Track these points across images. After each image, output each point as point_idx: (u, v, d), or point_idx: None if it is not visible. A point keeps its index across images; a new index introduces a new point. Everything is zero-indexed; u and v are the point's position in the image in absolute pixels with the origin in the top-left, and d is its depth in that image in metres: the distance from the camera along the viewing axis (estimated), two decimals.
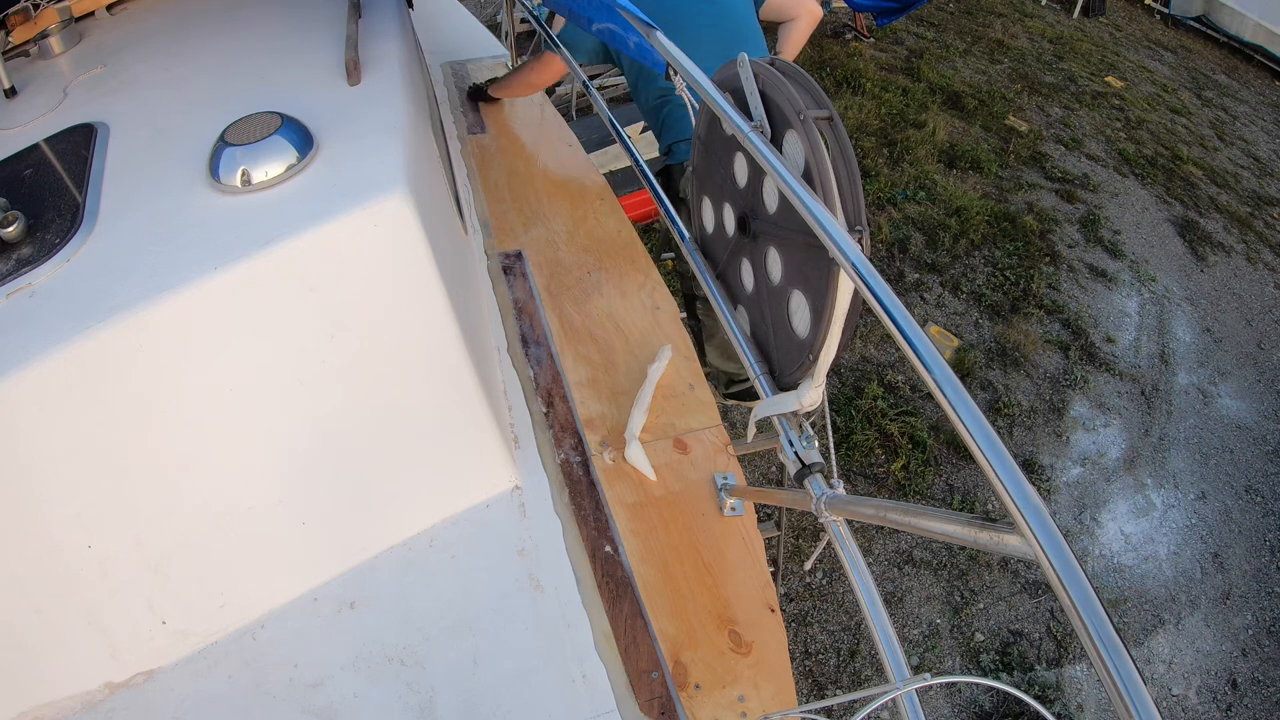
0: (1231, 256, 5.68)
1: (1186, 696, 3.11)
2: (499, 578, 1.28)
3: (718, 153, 1.38)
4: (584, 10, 1.84)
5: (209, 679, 1.16)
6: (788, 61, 1.13)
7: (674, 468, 1.46)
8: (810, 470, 1.05)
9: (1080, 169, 6.30)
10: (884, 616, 0.87)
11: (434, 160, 1.53)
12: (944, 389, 0.70)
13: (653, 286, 1.84)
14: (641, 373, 1.62)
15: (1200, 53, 9.33)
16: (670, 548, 1.34)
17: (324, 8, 1.71)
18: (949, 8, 9.11)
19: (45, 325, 1.02)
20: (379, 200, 1.14)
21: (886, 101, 6.55)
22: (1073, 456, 3.97)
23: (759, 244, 1.27)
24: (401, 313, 1.22)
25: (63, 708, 1.11)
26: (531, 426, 1.50)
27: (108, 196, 1.21)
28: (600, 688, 1.16)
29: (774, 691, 1.17)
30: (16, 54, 1.71)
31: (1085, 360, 4.53)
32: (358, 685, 1.16)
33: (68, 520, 1.06)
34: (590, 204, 2.10)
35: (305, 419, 1.19)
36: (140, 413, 1.07)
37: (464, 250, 1.67)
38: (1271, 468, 4.10)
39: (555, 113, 2.57)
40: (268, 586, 1.23)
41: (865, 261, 0.82)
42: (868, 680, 2.98)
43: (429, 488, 1.34)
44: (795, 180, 0.94)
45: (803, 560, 3.15)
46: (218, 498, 1.16)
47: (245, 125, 1.21)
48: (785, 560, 2.96)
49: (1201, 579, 3.54)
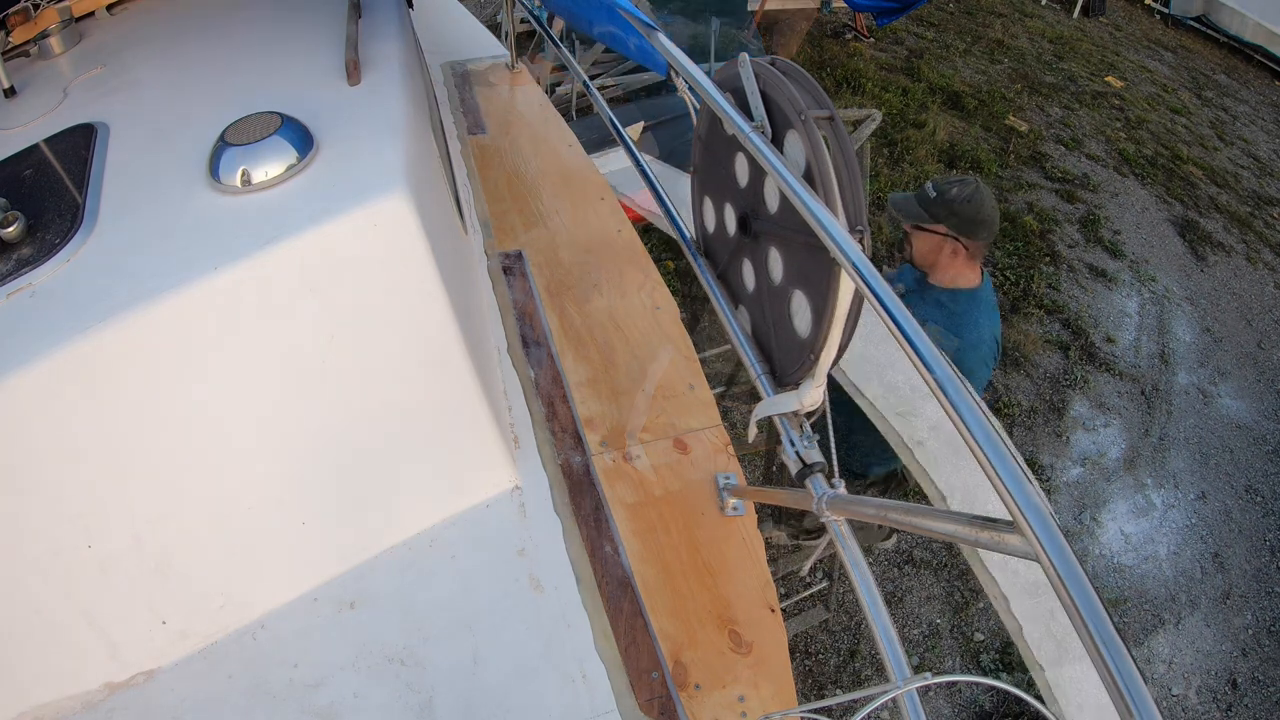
0: (1231, 256, 5.68)
1: (1186, 696, 3.11)
2: (499, 578, 1.28)
3: (718, 153, 1.38)
4: (584, 12, 1.84)
5: (209, 679, 1.16)
6: (788, 61, 1.13)
7: (674, 468, 1.46)
8: (811, 470, 1.05)
9: (1080, 169, 6.31)
10: (884, 616, 0.87)
11: (434, 160, 1.53)
12: (944, 389, 0.70)
13: (653, 286, 1.84)
14: (642, 372, 1.62)
15: (1200, 53, 9.33)
16: (670, 548, 1.34)
17: (324, 8, 1.71)
18: (949, 8, 9.12)
19: (45, 325, 1.01)
20: (379, 200, 1.14)
21: (886, 101, 6.55)
22: (1073, 456, 3.97)
23: (760, 244, 1.27)
24: (401, 313, 1.22)
25: (63, 708, 1.11)
26: (531, 426, 1.50)
27: (108, 196, 1.20)
28: (600, 688, 1.16)
29: (774, 691, 1.17)
30: (16, 54, 1.71)
31: (1085, 360, 4.53)
32: (358, 685, 1.16)
33: (68, 520, 1.06)
34: (590, 204, 2.10)
35: (305, 419, 1.19)
36: (140, 413, 1.07)
37: (464, 250, 1.67)
38: (1271, 467, 4.10)
39: (555, 113, 2.57)
40: (268, 586, 1.23)
41: (866, 261, 0.82)
42: (868, 680, 2.98)
43: (429, 488, 1.34)
44: (796, 180, 0.94)
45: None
46: (218, 498, 1.16)
47: (245, 125, 1.21)
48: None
49: (1201, 579, 3.54)
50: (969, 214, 2.16)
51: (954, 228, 2.17)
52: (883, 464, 2.53)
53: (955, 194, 2.18)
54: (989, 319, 2.25)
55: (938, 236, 2.21)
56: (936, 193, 2.21)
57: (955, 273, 2.25)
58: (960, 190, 2.18)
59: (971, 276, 2.26)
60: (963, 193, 2.17)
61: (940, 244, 2.21)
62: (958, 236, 2.18)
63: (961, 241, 2.19)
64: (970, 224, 2.17)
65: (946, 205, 2.17)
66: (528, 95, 2.65)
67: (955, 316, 2.22)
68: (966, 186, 2.19)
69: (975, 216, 2.16)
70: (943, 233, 2.19)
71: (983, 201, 2.18)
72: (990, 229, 2.20)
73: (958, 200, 2.16)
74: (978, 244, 2.20)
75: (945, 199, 2.18)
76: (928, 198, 2.22)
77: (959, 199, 2.17)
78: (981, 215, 2.17)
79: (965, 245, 2.19)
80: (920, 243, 2.27)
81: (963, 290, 2.25)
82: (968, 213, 2.16)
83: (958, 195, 2.17)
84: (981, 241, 2.20)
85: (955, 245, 2.20)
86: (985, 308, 2.26)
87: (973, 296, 2.25)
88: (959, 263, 2.23)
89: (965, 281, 2.26)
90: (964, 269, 2.24)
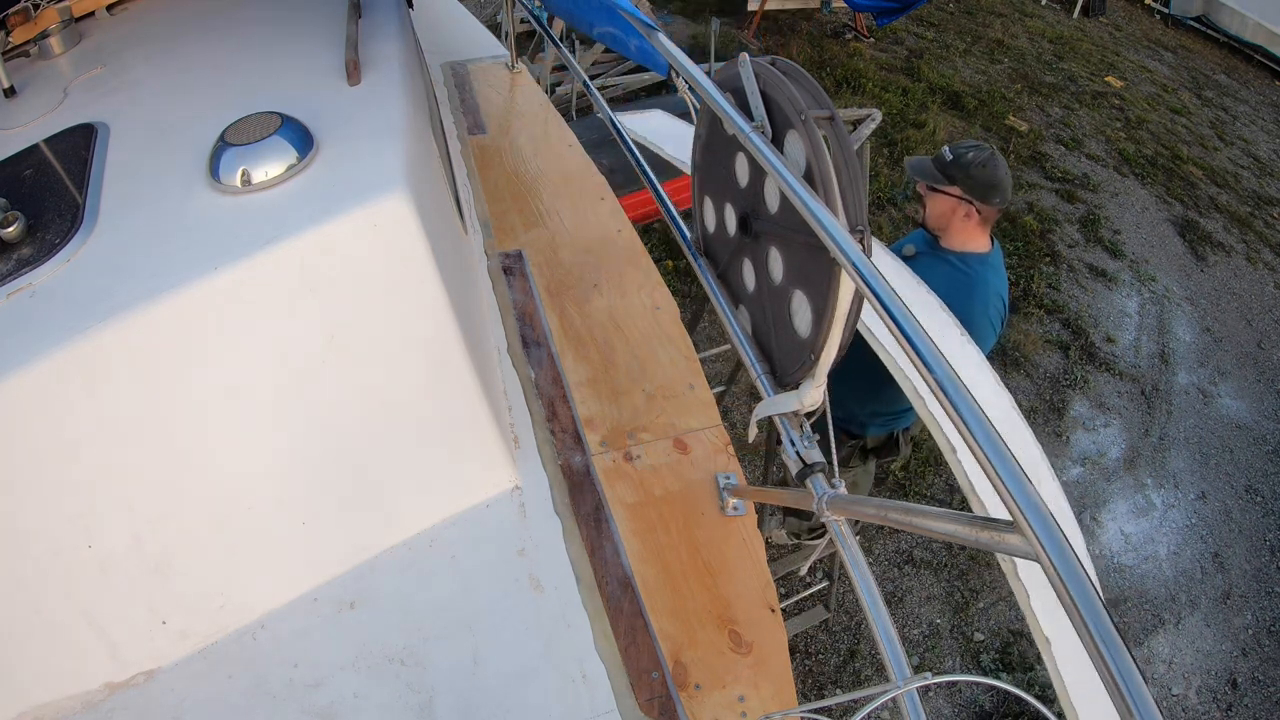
0: (1231, 256, 5.68)
1: (1186, 696, 3.11)
2: (499, 578, 1.28)
3: (719, 153, 1.38)
4: (584, 13, 1.84)
5: (209, 679, 1.16)
6: (789, 61, 1.13)
7: (674, 468, 1.46)
8: (812, 470, 1.05)
9: (1080, 169, 6.31)
10: (885, 616, 0.87)
11: (434, 160, 1.53)
12: (945, 389, 0.70)
13: (653, 286, 1.84)
14: (642, 373, 1.62)
15: (1200, 53, 9.33)
16: (670, 548, 1.34)
17: (324, 8, 1.71)
18: (949, 8, 9.12)
19: (45, 325, 1.01)
20: (379, 200, 1.14)
21: (886, 101, 6.55)
22: (1073, 456, 3.97)
23: (760, 244, 1.27)
24: (401, 313, 1.22)
25: (63, 708, 1.11)
26: (531, 426, 1.50)
27: (108, 196, 1.20)
28: (600, 688, 1.16)
29: (774, 691, 1.17)
30: (16, 54, 1.71)
31: (1085, 360, 4.53)
32: (358, 685, 1.16)
33: (68, 520, 1.06)
34: (590, 204, 2.10)
35: (305, 419, 1.19)
36: (140, 412, 1.07)
37: (464, 250, 1.67)
38: (1271, 467, 4.10)
39: (555, 113, 2.57)
40: (268, 586, 1.23)
41: (867, 262, 0.82)
42: (868, 680, 2.98)
43: (429, 488, 1.34)
44: (796, 180, 0.94)
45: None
46: (218, 498, 1.16)
47: (245, 125, 1.21)
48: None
49: (1201, 579, 3.54)
50: (983, 178, 2.18)
51: (968, 190, 2.20)
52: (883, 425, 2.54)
53: (971, 158, 2.20)
54: (998, 278, 2.29)
55: (952, 199, 2.23)
56: (953, 156, 2.23)
57: (967, 236, 2.27)
58: (976, 155, 2.21)
59: (983, 241, 2.29)
60: (978, 157, 2.20)
61: (955, 206, 2.23)
62: (971, 200, 2.21)
63: (975, 205, 2.21)
64: (984, 188, 2.19)
65: (962, 168, 2.20)
66: (528, 95, 2.65)
67: (967, 277, 2.25)
68: (982, 151, 2.22)
69: (989, 180, 2.19)
70: (957, 195, 2.22)
71: (997, 166, 2.20)
72: (1004, 194, 2.23)
73: (973, 164, 2.19)
74: (991, 209, 2.22)
75: (961, 162, 2.21)
76: (944, 160, 2.25)
77: (974, 163, 2.19)
78: (995, 179, 2.19)
79: (978, 209, 2.21)
80: (934, 205, 2.29)
81: (973, 253, 2.28)
82: (982, 176, 2.18)
83: (973, 159, 2.20)
84: (994, 206, 2.23)
85: (969, 209, 2.22)
86: (994, 269, 2.29)
87: (983, 260, 2.28)
88: (971, 226, 2.25)
89: (976, 246, 2.28)
90: (975, 233, 2.27)
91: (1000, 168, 2.21)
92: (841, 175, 1.00)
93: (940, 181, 2.25)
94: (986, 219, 2.24)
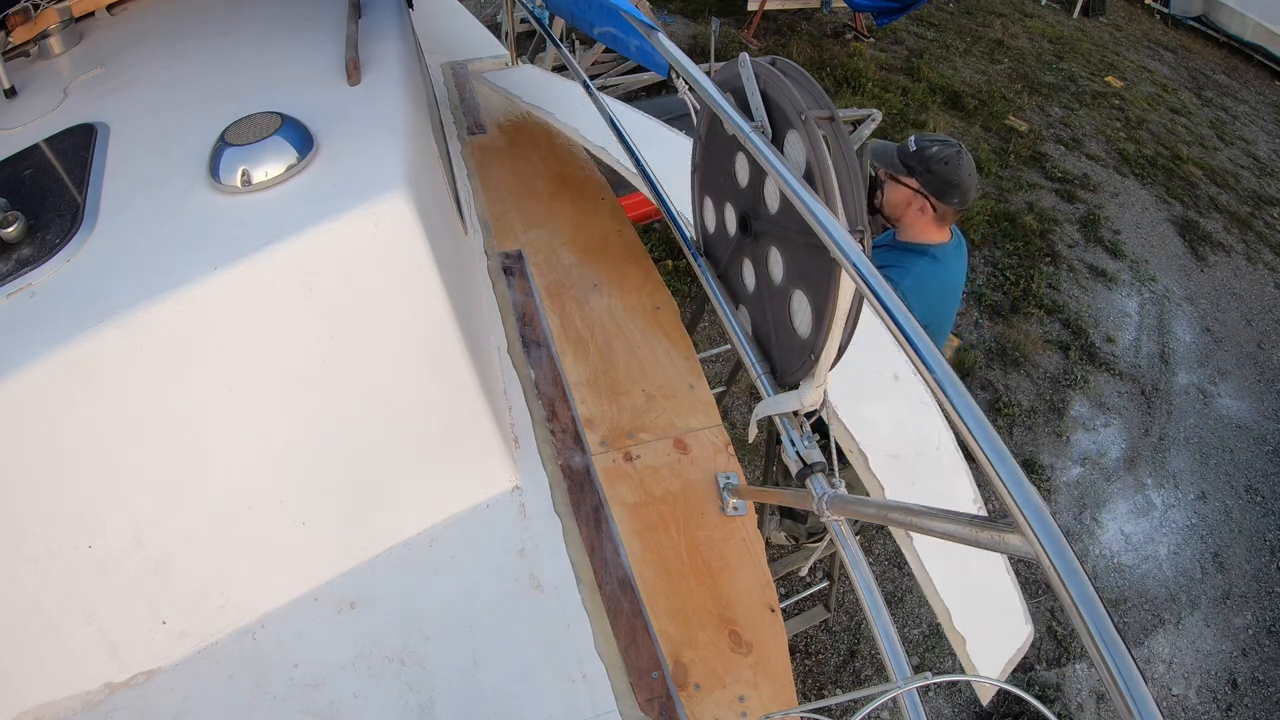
0: (1231, 256, 5.67)
1: (1187, 696, 3.11)
2: (499, 578, 1.28)
3: (719, 153, 1.38)
4: (584, 13, 1.84)
5: (209, 679, 1.16)
6: (789, 61, 1.13)
7: (674, 468, 1.46)
8: (812, 470, 1.05)
9: (1080, 169, 6.31)
10: (885, 616, 0.87)
11: (434, 160, 1.53)
12: (945, 388, 0.70)
13: (653, 287, 1.84)
14: (642, 372, 1.62)
15: (1200, 53, 9.32)
16: (670, 547, 1.34)
17: (324, 8, 1.71)
18: (949, 8, 9.11)
19: (45, 325, 1.01)
20: (379, 200, 1.14)
21: (886, 101, 6.55)
22: (1073, 456, 3.97)
23: (760, 244, 1.27)
24: (401, 313, 1.22)
25: (63, 708, 1.11)
26: (531, 426, 1.50)
27: (108, 196, 1.20)
28: (600, 688, 1.16)
29: (774, 691, 1.17)
30: (16, 54, 1.71)
31: (1085, 360, 4.53)
32: (358, 685, 1.16)
33: (67, 520, 1.06)
34: (590, 204, 2.10)
35: (305, 419, 1.19)
36: (140, 413, 1.07)
37: (464, 250, 1.67)
38: (1272, 467, 4.10)
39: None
40: (268, 586, 1.23)
41: (866, 262, 0.82)
42: (868, 680, 2.98)
43: (429, 488, 1.34)
44: (796, 180, 0.94)
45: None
46: (218, 498, 1.16)
47: (245, 125, 1.21)
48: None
49: (1202, 579, 3.53)
50: (943, 174, 2.09)
51: (925, 184, 2.11)
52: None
53: (934, 153, 2.11)
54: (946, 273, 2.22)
55: (908, 191, 2.15)
56: (916, 147, 2.14)
57: (919, 230, 2.19)
58: (941, 150, 2.11)
59: (938, 235, 2.21)
60: (942, 153, 2.10)
61: (910, 199, 2.15)
62: (927, 195, 2.12)
63: (930, 201, 2.12)
64: (942, 185, 2.10)
65: (923, 161, 2.10)
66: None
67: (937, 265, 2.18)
68: (949, 148, 2.13)
69: (949, 179, 2.09)
70: (913, 187, 2.14)
71: (960, 166, 2.11)
72: (963, 196, 2.13)
73: (934, 160, 2.10)
74: (947, 207, 2.14)
75: (923, 155, 2.11)
76: (907, 150, 2.16)
77: (936, 158, 2.10)
78: (956, 179, 2.10)
79: (934, 205, 2.13)
80: (890, 193, 2.21)
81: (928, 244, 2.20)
82: (942, 173, 2.09)
83: (936, 155, 2.10)
84: (952, 206, 2.14)
85: (924, 203, 2.13)
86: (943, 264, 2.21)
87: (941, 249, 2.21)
88: (925, 221, 2.17)
89: (929, 239, 2.20)
90: (929, 228, 2.18)
91: (963, 168, 2.11)
92: (841, 175, 0.99)
93: (899, 171, 2.15)
94: (942, 216, 2.15)
